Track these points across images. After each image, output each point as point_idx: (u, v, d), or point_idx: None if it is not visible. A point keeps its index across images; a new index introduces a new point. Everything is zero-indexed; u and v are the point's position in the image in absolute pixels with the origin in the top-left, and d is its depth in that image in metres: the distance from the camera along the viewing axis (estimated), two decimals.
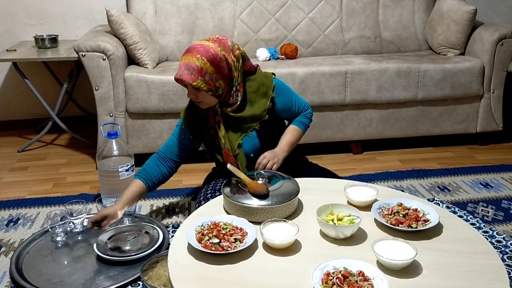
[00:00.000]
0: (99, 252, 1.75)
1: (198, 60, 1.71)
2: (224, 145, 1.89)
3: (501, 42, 2.93)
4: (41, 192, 2.55)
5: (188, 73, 1.71)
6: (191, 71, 1.71)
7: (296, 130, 2.01)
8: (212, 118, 1.89)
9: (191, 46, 1.78)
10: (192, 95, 1.79)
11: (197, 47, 1.75)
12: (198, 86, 1.73)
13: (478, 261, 1.33)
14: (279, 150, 1.94)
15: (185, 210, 2.33)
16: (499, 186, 2.55)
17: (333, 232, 1.41)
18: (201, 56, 1.72)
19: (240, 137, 1.91)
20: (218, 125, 1.88)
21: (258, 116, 1.89)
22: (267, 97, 1.90)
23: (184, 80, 1.72)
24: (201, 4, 3.15)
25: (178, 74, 1.73)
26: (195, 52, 1.73)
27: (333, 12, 3.27)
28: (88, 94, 3.09)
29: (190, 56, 1.73)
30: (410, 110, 2.95)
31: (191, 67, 1.71)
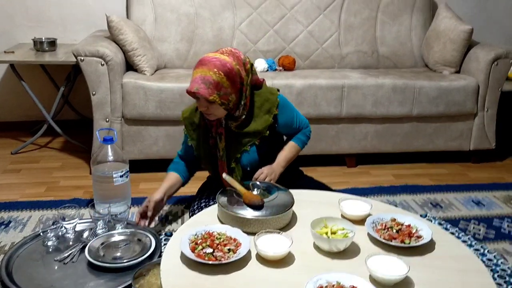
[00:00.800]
0: (90, 258, 1.74)
1: (215, 74, 1.70)
2: (221, 157, 1.90)
3: (496, 62, 2.97)
4: (34, 195, 2.53)
5: (205, 87, 1.70)
6: (208, 85, 1.70)
7: (294, 147, 2.03)
8: (214, 129, 1.89)
9: (206, 58, 1.75)
10: (204, 107, 1.77)
11: (213, 60, 1.72)
12: (213, 100, 1.72)
13: (469, 279, 1.34)
14: (276, 166, 1.96)
15: (178, 218, 2.32)
16: (491, 204, 2.57)
17: (327, 245, 1.42)
18: (218, 71, 1.71)
19: (239, 152, 1.92)
20: (219, 137, 1.89)
21: (259, 132, 1.90)
22: (270, 114, 1.90)
23: (201, 94, 1.70)
24: (201, 13, 3.17)
25: (194, 88, 1.70)
26: (212, 65, 1.71)
27: (331, 26, 3.30)
28: (84, 98, 3.08)
29: (206, 69, 1.71)
30: (405, 125, 2.97)
31: (208, 81, 1.70)
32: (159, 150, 2.76)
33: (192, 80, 1.73)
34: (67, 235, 1.92)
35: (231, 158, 1.91)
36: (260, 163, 1.95)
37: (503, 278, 1.88)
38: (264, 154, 1.96)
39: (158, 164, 2.83)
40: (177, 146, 2.75)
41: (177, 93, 2.66)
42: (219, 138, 1.89)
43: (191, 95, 1.76)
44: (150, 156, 2.78)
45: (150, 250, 1.79)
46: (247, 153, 1.93)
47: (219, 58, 1.74)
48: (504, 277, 1.89)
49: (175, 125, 2.73)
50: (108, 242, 1.85)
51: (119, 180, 2.16)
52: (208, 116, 1.82)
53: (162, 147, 2.76)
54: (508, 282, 1.86)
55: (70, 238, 1.91)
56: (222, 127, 1.88)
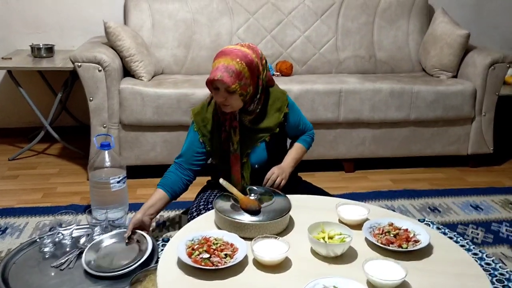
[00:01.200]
0: (85, 266, 1.73)
1: (238, 64, 1.74)
2: (236, 150, 1.91)
3: (493, 66, 2.98)
4: (31, 202, 2.52)
5: (228, 75, 1.72)
6: (231, 73, 1.73)
7: (300, 148, 2.07)
8: (228, 123, 1.90)
9: (227, 49, 1.79)
10: (222, 98, 1.78)
11: (235, 51, 1.77)
12: (234, 89, 1.74)
13: (467, 284, 1.34)
14: (286, 166, 1.98)
15: (175, 224, 2.32)
16: (489, 208, 2.57)
17: (324, 250, 1.41)
18: (241, 61, 1.74)
19: (251, 147, 1.94)
20: (234, 130, 1.90)
21: (270, 128, 1.93)
22: (280, 112, 1.94)
23: (224, 81, 1.72)
24: (198, 19, 3.18)
25: (218, 75, 1.72)
26: (234, 55, 1.75)
27: (328, 31, 3.31)
28: (82, 104, 3.08)
29: (229, 59, 1.74)
30: (402, 130, 2.97)
31: (231, 70, 1.73)
32: (156, 156, 2.75)
33: (214, 69, 1.75)
34: (64, 241, 1.91)
35: (243, 153, 1.94)
36: (268, 161, 1.97)
37: (502, 282, 1.88)
38: (272, 153, 1.99)
39: (155, 170, 2.82)
40: (175, 152, 2.74)
41: (175, 98, 2.66)
42: (234, 131, 1.89)
43: (210, 85, 1.78)
44: (148, 162, 2.77)
45: (145, 255, 1.78)
46: (257, 150, 1.95)
47: (240, 49, 1.78)
48: (502, 281, 1.88)
49: (172, 130, 2.73)
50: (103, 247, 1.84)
51: (116, 186, 2.16)
52: (225, 108, 1.83)
53: (159, 153, 2.75)
54: (507, 286, 1.85)
55: (67, 244, 1.90)
56: (236, 120, 1.89)
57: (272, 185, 1.91)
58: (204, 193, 2.09)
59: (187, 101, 2.67)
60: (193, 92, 2.68)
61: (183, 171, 2.00)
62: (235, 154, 1.92)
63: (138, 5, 3.13)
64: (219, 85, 1.75)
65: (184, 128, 2.70)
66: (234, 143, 1.91)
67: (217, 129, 1.95)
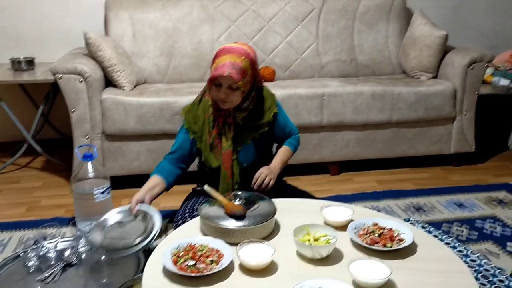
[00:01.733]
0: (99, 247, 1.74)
1: (243, 61, 1.78)
2: (229, 146, 1.92)
3: (471, 66, 3.02)
4: (14, 216, 2.49)
5: (236, 72, 1.76)
6: (238, 70, 1.77)
7: (287, 151, 2.09)
8: (222, 119, 1.92)
9: (230, 47, 1.82)
10: (224, 94, 1.81)
11: (238, 49, 1.80)
12: (239, 86, 1.78)
13: (452, 280, 1.35)
14: (274, 167, 1.99)
15: (162, 232, 2.30)
16: (473, 206, 2.60)
17: (310, 252, 1.42)
18: (245, 58, 1.79)
19: (241, 144, 1.96)
20: (228, 127, 1.92)
21: (260, 126, 1.96)
22: (270, 111, 1.98)
23: (233, 78, 1.75)
24: (179, 28, 3.18)
25: (226, 72, 1.75)
26: (238, 53, 1.79)
27: (309, 36, 3.33)
28: (64, 116, 3.05)
29: (235, 56, 1.78)
30: (385, 131, 3.00)
31: (238, 66, 1.77)
32: (141, 165, 2.74)
33: (221, 65, 1.77)
34: (49, 254, 1.89)
35: (233, 151, 1.95)
36: (256, 160, 2.00)
37: (487, 278, 1.90)
38: (260, 152, 2.01)
39: (140, 179, 2.80)
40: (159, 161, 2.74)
41: (157, 107, 2.66)
42: (228, 128, 1.92)
43: (212, 82, 1.80)
44: (132, 171, 2.76)
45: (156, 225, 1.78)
46: (246, 148, 1.97)
47: (242, 47, 1.82)
48: (487, 277, 1.90)
49: (156, 139, 2.72)
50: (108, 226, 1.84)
51: (100, 197, 2.14)
52: (224, 105, 1.86)
53: (143, 162, 2.74)
54: (492, 282, 1.87)
55: (51, 257, 1.88)
56: (231, 117, 1.92)
57: (261, 185, 1.92)
58: (190, 200, 2.09)
59: (170, 109, 2.66)
60: (176, 100, 2.68)
61: (174, 166, 2.01)
62: (227, 150, 1.93)
63: (119, 15, 3.13)
64: (224, 81, 1.78)
65: (168, 137, 2.71)
66: (228, 139, 1.92)
67: (207, 126, 1.96)
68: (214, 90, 1.85)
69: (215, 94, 1.85)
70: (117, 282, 1.68)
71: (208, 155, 1.99)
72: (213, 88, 1.85)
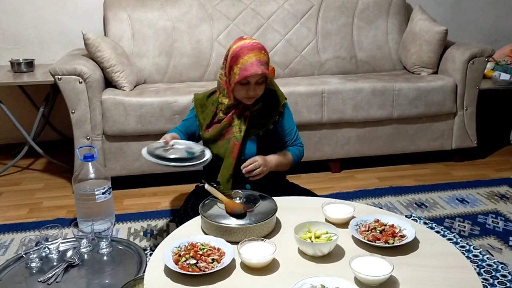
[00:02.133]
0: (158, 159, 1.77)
1: (265, 56, 1.85)
2: (241, 138, 1.94)
3: (472, 60, 3.02)
4: (16, 218, 2.49)
5: (264, 68, 1.82)
6: (265, 66, 1.83)
7: (287, 155, 2.05)
8: (237, 111, 1.94)
9: (247, 44, 1.84)
10: (253, 91, 1.86)
11: (257, 44, 1.85)
12: (268, 79, 1.87)
13: (454, 275, 1.34)
14: (269, 161, 1.96)
15: (163, 232, 2.30)
16: (475, 201, 2.59)
17: (311, 249, 1.41)
18: (265, 53, 1.86)
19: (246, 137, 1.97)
20: (244, 119, 1.94)
21: (264, 123, 1.97)
22: (276, 109, 1.99)
23: (266, 74, 1.81)
24: (178, 27, 3.18)
25: (259, 70, 1.79)
26: (258, 49, 1.84)
27: (309, 34, 3.33)
28: (65, 117, 3.06)
29: (258, 52, 1.83)
30: (386, 128, 3.00)
31: (264, 61, 1.83)
32: (141, 165, 2.74)
33: (249, 65, 1.80)
34: (51, 255, 1.89)
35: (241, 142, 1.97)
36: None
37: (490, 273, 1.90)
38: (260, 150, 2.00)
39: (141, 180, 2.82)
40: None
41: (157, 107, 2.65)
42: (244, 120, 1.94)
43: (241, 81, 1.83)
44: (133, 172, 2.76)
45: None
46: (248, 143, 1.98)
47: (257, 42, 1.87)
48: (490, 272, 1.90)
49: (156, 139, 2.69)
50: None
51: (101, 197, 2.14)
52: (250, 100, 1.90)
53: (144, 162, 2.73)
54: (495, 277, 1.87)
55: (53, 258, 1.87)
56: (247, 110, 1.95)
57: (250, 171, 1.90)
58: (192, 197, 2.09)
59: (170, 108, 2.66)
60: (176, 99, 2.68)
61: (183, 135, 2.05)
62: (239, 141, 1.94)
63: (117, 15, 3.13)
64: (252, 79, 1.82)
65: None
66: (241, 131, 1.94)
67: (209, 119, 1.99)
68: (240, 89, 1.87)
69: (242, 93, 1.88)
70: (120, 282, 1.68)
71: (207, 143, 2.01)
72: (238, 88, 1.87)
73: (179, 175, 2.74)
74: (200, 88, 2.83)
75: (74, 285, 1.73)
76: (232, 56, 1.85)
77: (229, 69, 1.88)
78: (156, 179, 2.83)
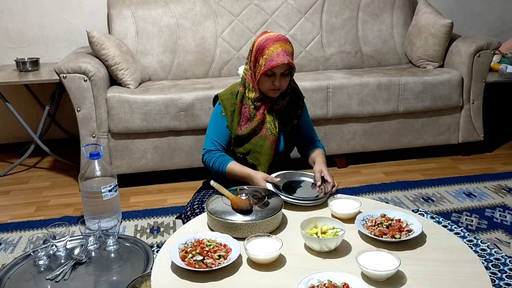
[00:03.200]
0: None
1: (290, 47, 1.85)
2: (277, 133, 1.94)
3: (478, 53, 2.99)
4: (24, 216, 2.51)
5: (290, 58, 1.82)
6: (290, 56, 1.83)
7: (323, 153, 2.03)
8: (268, 106, 1.93)
9: (272, 36, 1.84)
10: (278, 82, 1.84)
11: (281, 36, 1.85)
12: (293, 70, 1.85)
13: (461, 269, 1.34)
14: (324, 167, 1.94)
15: (170, 229, 2.31)
16: (482, 195, 2.58)
17: (317, 245, 1.41)
18: (290, 44, 1.86)
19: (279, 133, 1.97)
20: (275, 115, 1.94)
21: (291, 118, 1.98)
22: (298, 104, 2.00)
23: (292, 64, 1.81)
24: (182, 24, 3.17)
25: (286, 60, 1.78)
26: (283, 40, 1.84)
27: (313, 29, 3.31)
28: (71, 116, 3.07)
29: (284, 43, 1.83)
30: (392, 122, 2.98)
31: (289, 52, 1.83)
32: (147, 163, 2.75)
33: (276, 55, 1.79)
34: (58, 253, 1.90)
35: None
36: (283, 152, 2.01)
37: (497, 267, 1.89)
38: (287, 146, 2.01)
39: (147, 177, 2.82)
40: (166, 158, 2.76)
41: (162, 104, 2.65)
42: (276, 114, 1.94)
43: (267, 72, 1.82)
44: (139, 169, 2.76)
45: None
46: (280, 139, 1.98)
47: (280, 34, 1.86)
48: (498, 266, 1.89)
49: (162, 136, 2.72)
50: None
51: (108, 195, 2.15)
52: (275, 93, 1.89)
53: (150, 159, 2.74)
54: (503, 271, 1.86)
55: (61, 256, 1.89)
56: (277, 105, 1.94)
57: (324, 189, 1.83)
58: (199, 193, 2.09)
59: (175, 105, 2.66)
60: (181, 97, 2.68)
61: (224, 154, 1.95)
62: (276, 136, 1.94)
63: (121, 13, 3.13)
64: (278, 70, 1.82)
65: (174, 133, 2.71)
66: (276, 127, 1.94)
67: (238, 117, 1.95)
68: (265, 81, 1.86)
69: (267, 85, 1.87)
70: (127, 279, 1.69)
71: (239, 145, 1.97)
72: (264, 79, 1.86)
73: (185, 172, 2.75)
74: (205, 85, 2.83)
75: (82, 283, 1.74)
76: (257, 48, 1.85)
77: (254, 61, 1.88)
78: (162, 176, 2.84)
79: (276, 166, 2.00)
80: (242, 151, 1.98)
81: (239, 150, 1.98)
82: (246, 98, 1.95)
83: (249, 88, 1.94)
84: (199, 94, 2.68)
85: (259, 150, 1.95)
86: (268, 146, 1.95)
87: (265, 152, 1.95)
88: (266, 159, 1.96)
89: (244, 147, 1.97)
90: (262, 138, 1.95)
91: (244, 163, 1.97)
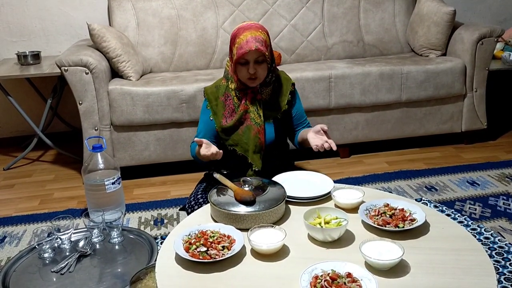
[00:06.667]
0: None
1: (263, 33, 1.85)
2: (262, 122, 1.95)
3: (481, 41, 2.97)
4: (28, 209, 2.52)
5: (260, 45, 1.81)
6: (261, 43, 1.82)
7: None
8: (251, 96, 1.94)
9: (245, 25, 1.87)
10: (253, 70, 1.85)
11: (254, 24, 1.87)
12: (266, 57, 1.84)
13: (465, 258, 1.34)
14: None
15: (173, 221, 2.32)
16: (486, 183, 2.57)
17: (321, 235, 1.41)
18: (263, 31, 1.86)
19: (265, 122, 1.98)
20: (259, 103, 1.95)
21: (279, 105, 1.99)
22: (287, 90, 2.01)
23: (261, 50, 1.80)
24: (183, 15, 3.16)
25: (253, 46, 1.79)
26: (255, 28, 1.85)
27: (315, 18, 3.29)
28: (73, 109, 3.07)
29: (254, 31, 1.84)
30: (394, 112, 2.97)
31: (260, 39, 1.82)
32: (150, 155, 2.75)
33: (245, 42, 1.81)
34: (63, 245, 1.91)
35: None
36: (275, 141, 2.02)
37: (501, 255, 1.89)
38: (278, 134, 2.02)
39: (150, 169, 2.83)
40: (168, 150, 2.76)
41: (164, 96, 2.65)
42: (259, 104, 1.95)
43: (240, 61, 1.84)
44: (142, 161, 2.76)
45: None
46: (267, 127, 1.99)
47: (255, 23, 1.88)
48: (502, 254, 1.89)
49: (164, 128, 2.72)
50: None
51: (111, 187, 2.16)
52: (252, 82, 1.90)
53: (153, 151, 2.74)
54: (506, 259, 1.86)
55: (66, 248, 1.90)
56: (260, 94, 1.95)
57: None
58: (202, 183, 2.10)
59: (177, 97, 2.66)
60: (182, 88, 2.67)
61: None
62: (261, 126, 1.95)
63: (122, 5, 3.11)
64: (250, 57, 1.82)
65: (176, 125, 2.72)
66: (260, 116, 1.94)
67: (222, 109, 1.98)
68: (241, 70, 1.88)
69: (243, 74, 1.88)
70: (131, 271, 1.69)
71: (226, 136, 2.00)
72: (239, 69, 1.88)
73: (188, 164, 2.75)
74: (207, 76, 2.82)
75: (87, 275, 1.75)
76: (231, 38, 1.89)
77: (230, 52, 1.91)
78: (165, 168, 2.84)
79: (270, 155, 2.00)
80: (230, 142, 2.01)
81: (228, 142, 2.00)
82: (229, 90, 1.96)
83: (230, 79, 1.95)
84: (201, 85, 2.67)
85: (246, 141, 1.97)
86: (253, 135, 1.96)
87: (252, 142, 1.96)
88: (253, 149, 1.96)
89: (232, 139, 1.98)
90: (247, 128, 1.96)
91: (234, 155, 1.98)
